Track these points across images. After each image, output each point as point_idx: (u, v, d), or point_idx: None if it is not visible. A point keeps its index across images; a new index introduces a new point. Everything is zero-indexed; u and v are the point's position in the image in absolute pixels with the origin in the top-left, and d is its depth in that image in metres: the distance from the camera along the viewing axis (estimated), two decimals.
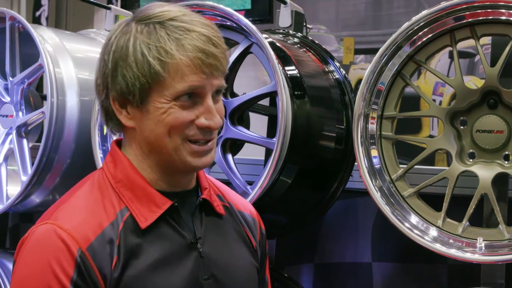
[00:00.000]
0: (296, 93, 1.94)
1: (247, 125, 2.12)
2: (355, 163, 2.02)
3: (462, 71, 1.91)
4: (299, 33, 2.32)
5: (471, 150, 1.91)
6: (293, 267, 2.43)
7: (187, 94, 1.29)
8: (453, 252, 1.81)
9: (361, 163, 1.93)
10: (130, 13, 1.45)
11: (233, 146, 2.06)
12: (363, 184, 1.93)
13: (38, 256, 1.26)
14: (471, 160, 1.91)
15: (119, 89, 1.30)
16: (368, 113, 1.96)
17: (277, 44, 2.04)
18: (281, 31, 2.32)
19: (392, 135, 1.98)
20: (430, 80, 4.80)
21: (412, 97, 2.53)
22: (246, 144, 2.07)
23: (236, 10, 2.01)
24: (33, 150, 2.41)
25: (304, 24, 2.38)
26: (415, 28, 1.89)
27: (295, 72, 1.99)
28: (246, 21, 1.94)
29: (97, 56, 1.36)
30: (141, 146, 1.34)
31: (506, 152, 1.87)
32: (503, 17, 1.82)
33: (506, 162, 1.87)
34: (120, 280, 1.27)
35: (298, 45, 2.23)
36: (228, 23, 1.99)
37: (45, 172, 2.30)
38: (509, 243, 1.80)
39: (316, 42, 2.27)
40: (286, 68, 1.96)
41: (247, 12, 2.45)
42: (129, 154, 1.36)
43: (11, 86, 2.44)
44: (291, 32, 2.31)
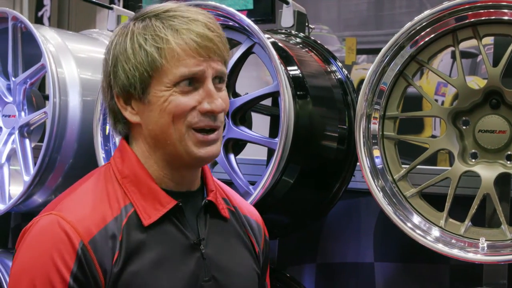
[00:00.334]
0: (298, 93, 1.94)
1: (249, 125, 2.12)
2: (357, 163, 2.01)
3: (465, 71, 1.91)
4: (301, 33, 2.32)
5: (474, 150, 1.91)
6: (295, 267, 2.43)
7: (187, 80, 1.29)
8: (456, 252, 1.81)
9: (363, 163, 1.93)
10: (132, 13, 1.46)
11: (236, 146, 2.06)
12: (366, 184, 1.93)
13: (40, 246, 1.26)
14: (474, 160, 1.90)
15: (121, 84, 1.32)
16: (370, 113, 1.96)
17: (279, 44, 2.04)
18: (283, 31, 2.32)
19: (394, 135, 1.98)
20: (433, 80, 4.79)
21: (415, 97, 2.52)
22: (249, 144, 2.07)
23: (239, 10, 2.01)
24: (36, 150, 2.41)
25: (306, 24, 2.38)
26: (418, 28, 1.89)
27: (297, 72, 1.98)
28: (249, 21, 1.94)
29: (99, 56, 1.37)
30: (147, 141, 1.35)
31: (509, 152, 1.87)
32: (506, 17, 1.82)
33: (509, 162, 1.87)
34: (120, 276, 1.27)
35: (300, 45, 2.23)
36: (231, 23, 2.00)
37: (48, 172, 2.31)
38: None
39: (318, 42, 2.27)
40: (288, 68, 1.96)
41: (249, 12, 2.45)
42: (136, 151, 1.37)
43: (14, 86, 2.44)
44: (293, 32, 2.31)
